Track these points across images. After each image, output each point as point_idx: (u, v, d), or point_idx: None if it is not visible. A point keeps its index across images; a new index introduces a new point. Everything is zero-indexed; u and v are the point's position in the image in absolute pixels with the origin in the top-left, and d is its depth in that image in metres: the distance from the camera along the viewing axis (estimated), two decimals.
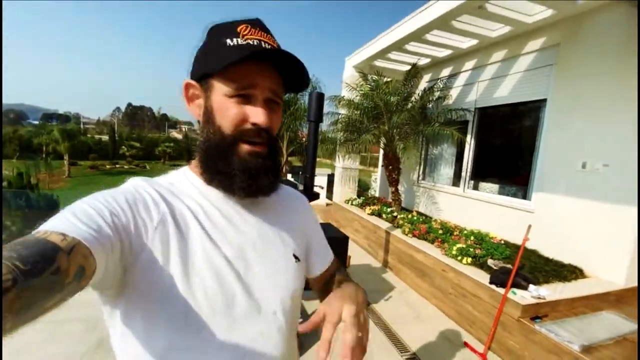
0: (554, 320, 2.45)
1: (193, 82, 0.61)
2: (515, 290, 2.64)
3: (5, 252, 0.34)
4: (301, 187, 2.75)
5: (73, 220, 0.44)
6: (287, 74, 0.61)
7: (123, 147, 36.80)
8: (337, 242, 3.07)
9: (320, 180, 7.40)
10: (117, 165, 33.42)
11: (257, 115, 0.57)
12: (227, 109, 0.56)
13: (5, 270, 0.31)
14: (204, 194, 0.61)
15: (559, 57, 3.65)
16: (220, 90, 0.56)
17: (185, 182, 0.62)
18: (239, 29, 0.56)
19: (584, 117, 3.35)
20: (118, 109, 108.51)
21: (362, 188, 10.84)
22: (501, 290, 2.65)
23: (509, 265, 3.04)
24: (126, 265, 0.50)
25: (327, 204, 7.61)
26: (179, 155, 38.85)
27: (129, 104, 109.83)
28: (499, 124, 4.95)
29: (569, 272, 3.11)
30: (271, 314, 0.61)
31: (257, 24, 0.58)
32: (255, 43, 0.55)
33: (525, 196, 4.12)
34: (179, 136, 55.86)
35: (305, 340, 2.65)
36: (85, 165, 31.44)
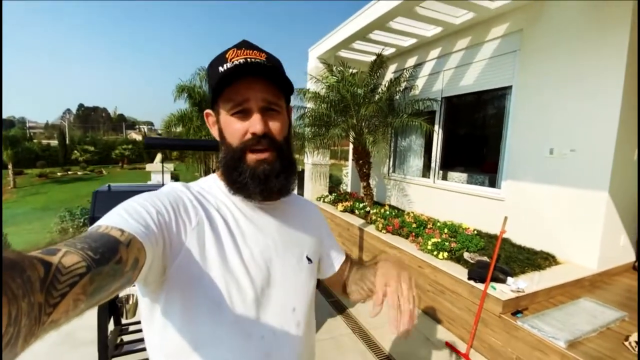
0: (535, 314, 2.38)
1: (209, 111, 0.69)
2: (494, 285, 2.54)
3: (78, 243, 0.39)
4: None
5: (127, 218, 0.50)
6: (279, 81, 0.64)
7: (75, 151, 34.14)
8: None
9: None
10: (70, 172, 30.98)
11: (252, 125, 0.62)
12: (230, 125, 0.64)
13: (80, 258, 0.36)
14: (231, 199, 0.68)
15: (523, 43, 3.61)
16: (223, 110, 0.64)
17: (215, 188, 0.69)
18: (227, 55, 0.63)
19: (549, 103, 3.33)
20: (68, 110, 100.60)
21: (334, 183, 10.67)
22: (480, 286, 2.55)
23: (485, 258, 2.97)
24: (166, 262, 0.56)
25: None
26: (138, 157, 36.58)
27: (81, 105, 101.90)
28: (466, 112, 4.92)
29: (543, 260, 3.09)
30: (290, 310, 0.68)
31: (242, 45, 0.65)
32: (241, 62, 0.61)
33: (494, 184, 4.11)
34: (139, 137, 52.73)
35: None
36: (32, 174, 28.86)
